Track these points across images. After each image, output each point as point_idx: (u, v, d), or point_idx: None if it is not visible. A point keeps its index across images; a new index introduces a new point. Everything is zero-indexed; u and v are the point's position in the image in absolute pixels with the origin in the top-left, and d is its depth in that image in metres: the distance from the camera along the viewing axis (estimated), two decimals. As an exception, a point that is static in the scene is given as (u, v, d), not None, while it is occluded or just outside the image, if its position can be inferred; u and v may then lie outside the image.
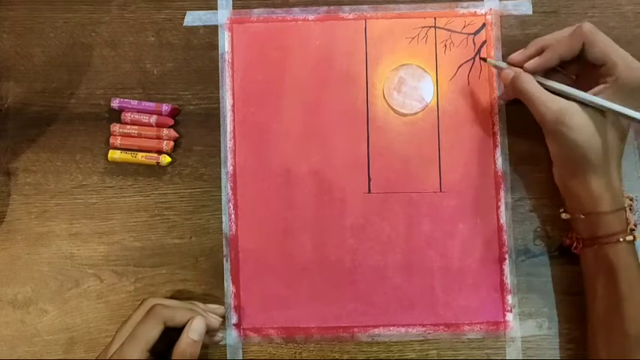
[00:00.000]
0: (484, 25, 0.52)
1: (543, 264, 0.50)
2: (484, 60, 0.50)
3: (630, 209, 0.45)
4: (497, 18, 0.52)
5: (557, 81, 0.45)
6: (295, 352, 0.50)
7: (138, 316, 0.44)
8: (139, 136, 0.51)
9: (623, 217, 0.44)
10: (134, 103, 0.52)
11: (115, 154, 0.51)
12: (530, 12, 0.52)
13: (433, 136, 0.51)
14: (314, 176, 0.51)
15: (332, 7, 0.53)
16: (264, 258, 0.51)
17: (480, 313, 0.50)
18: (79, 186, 0.52)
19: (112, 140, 0.51)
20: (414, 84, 0.52)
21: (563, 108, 0.43)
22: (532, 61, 0.45)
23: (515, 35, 0.52)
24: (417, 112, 0.52)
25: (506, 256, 0.50)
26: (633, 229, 0.44)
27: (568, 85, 0.44)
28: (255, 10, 0.53)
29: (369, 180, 0.51)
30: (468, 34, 0.52)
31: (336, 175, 0.51)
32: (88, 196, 0.52)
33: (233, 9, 0.53)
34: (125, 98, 0.52)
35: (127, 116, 0.52)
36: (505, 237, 0.50)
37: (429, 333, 0.50)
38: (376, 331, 0.50)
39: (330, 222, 0.51)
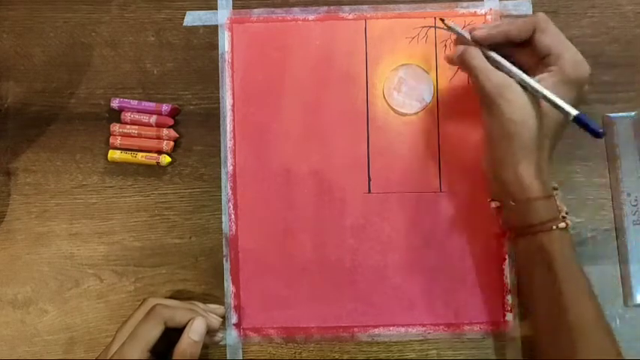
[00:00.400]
0: (484, 25, 0.52)
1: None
2: (442, 21, 0.48)
3: (557, 198, 0.43)
4: (498, 18, 0.52)
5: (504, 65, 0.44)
6: (295, 352, 0.50)
7: (138, 316, 0.44)
8: (139, 136, 0.51)
9: (554, 204, 0.42)
10: (134, 103, 0.52)
11: (114, 154, 0.51)
12: (530, 12, 0.52)
13: (433, 136, 0.51)
14: (314, 176, 0.51)
15: (332, 7, 0.53)
16: (264, 258, 0.51)
17: (480, 313, 0.50)
18: (79, 186, 0.52)
19: (111, 140, 0.51)
20: (414, 84, 0.52)
21: (504, 81, 0.42)
22: (480, 30, 0.44)
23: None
24: (417, 112, 0.52)
25: (506, 256, 0.50)
26: (565, 216, 0.42)
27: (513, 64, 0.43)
28: (255, 10, 0.53)
29: (369, 180, 0.51)
30: (468, 34, 0.52)
31: (336, 175, 0.51)
32: (88, 196, 0.52)
33: (233, 9, 0.53)
34: (125, 98, 0.52)
35: (127, 116, 0.52)
36: (504, 237, 0.50)
37: (428, 333, 0.50)
38: (376, 331, 0.50)
39: (330, 222, 0.51)
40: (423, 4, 0.52)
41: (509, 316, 0.50)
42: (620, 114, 0.51)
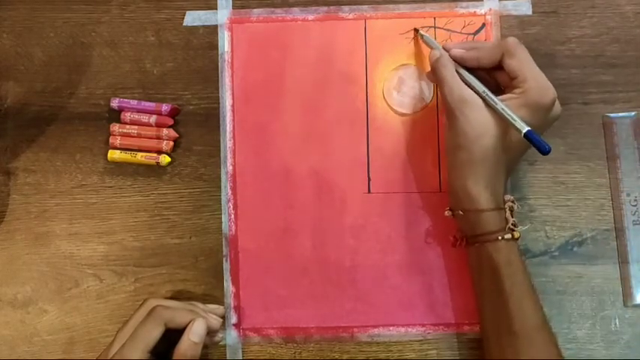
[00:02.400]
0: (484, 25, 0.52)
1: (543, 264, 0.50)
2: (416, 31, 0.50)
3: (511, 210, 0.45)
4: (497, 18, 0.52)
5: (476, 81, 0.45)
6: (295, 352, 0.50)
7: (139, 317, 0.44)
8: (139, 136, 0.51)
9: (502, 217, 0.44)
10: (134, 102, 0.52)
11: (114, 154, 0.51)
12: (529, 12, 0.52)
13: (433, 136, 0.51)
14: (314, 176, 0.51)
15: (332, 7, 0.53)
16: (264, 258, 0.51)
17: (480, 313, 0.50)
18: (78, 186, 0.52)
19: (111, 140, 0.51)
20: (414, 84, 0.52)
21: (466, 96, 0.44)
22: (455, 50, 0.46)
23: (515, 35, 0.52)
24: (417, 112, 0.52)
25: (506, 256, 0.50)
26: (512, 228, 0.44)
27: (479, 82, 0.45)
28: (255, 10, 0.53)
29: (369, 180, 0.51)
30: (468, 34, 0.52)
31: (335, 175, 0.51)
32: (88, 196, 0.52)
33: (233, 9, 0.53)
34: (125, 98, 0.52)
35: (127, 116, 0.52)
36: (505, 237, 0.50)
37: (428, 333, 0.50)
38: (376, 331, 0.50)
39: (329, 222, 0.51)
40: (422, 4, 0.52)
41: (509, 316, 0.50)
42: (620, 114, 0.51)
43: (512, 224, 0.44)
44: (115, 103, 0.52)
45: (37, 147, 0.52)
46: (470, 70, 0.46)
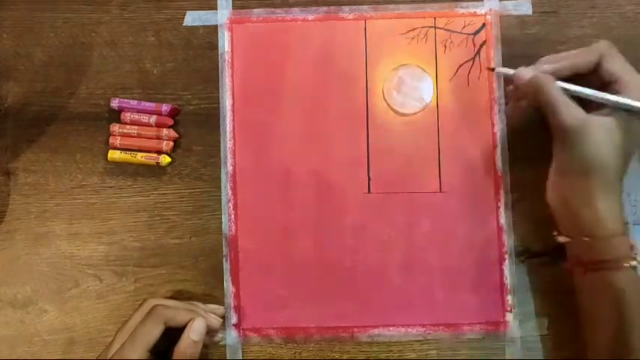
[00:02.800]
0: (484, 25, 0.52)
1: (543, 264, 0.50)
2: (492, 70, 0.48)
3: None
4: (497, 18, 0.52)
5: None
6: (295, 352, 0.50)
7: (138, 317, 0.44)
8: (139, 136, 0.51)
9: (627, 241, 0.42)
10: (134, 103, 0.52)
11: (114, 154, 0.51)
12: (530, 12, 0.52)
13: (433, 137, 0.51)
14: (314, 176, 0.51)
15: (332, 7, 0.53)
16: (263, 258, 0.51)
17: (480, 314, 0.50)
18: (78, 186, 0.52)
19: (111, 140, 0.51)
20: (414, 84, 0.52)
21: (588, 119, 0.41)
22: (546, 66, 0.43)
23: (515, 35, 0.52)
24: (417, 112, 0.52)
25: (506, 256, 0.50)
26: (637, 253, 0.42)
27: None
28: (255, 10, 0.53)
29: (369, 180, 0.51)
30: (468, 34, 0.52)
31: (335, 175, 0.51)
32: (88, 196, 0.52)
33: (233, 9, 0.53)
34: (125, 98, 0.52)
35: (127, 116, 0.52)
36: (505, 237, 0.50)
37: (428, 333, 0.50)
38: (376, 331, 0.50)
39: (329, 222, 0.51)
40: (422, 4, 0.52)
41: (509, 316, 0.50)
42: (620, 114, 0.51)
43: (636, 249, 0.42)
44: (115, 103, 0.52)
45: (37, 147, 0.52)
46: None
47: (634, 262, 0.41)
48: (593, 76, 0.43)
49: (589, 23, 0.52)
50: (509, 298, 0.50)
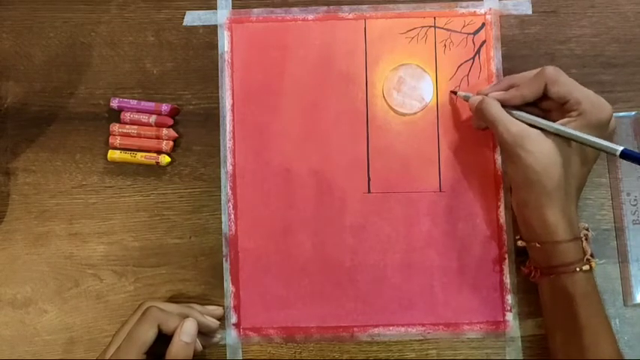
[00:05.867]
0: (484, 24, 0.52)
1: (543, 264, 0.50)
2: (454, 93, 0.50)
3: (586, 239, 0.44)
4: (497, 18, 0.52)
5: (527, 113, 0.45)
6: (295, 352, 0.50)
7: (135, 319, 0.43)
8: (139, 135, 0.51)
9: (579, 247, 0.43)
10: (133, 102, 0.52)
11: (114, 154, 0.51)
12: (529, 12, 0.52)
13: (433, 136, 0.51)
14: (314, 176, 0.51)
15: (331, 7, 0.53)
16: (263, 258, 0.51)
17: (480, 313, 0.50)
18: (78, 186, 0.52)
19: (111, 140, 0.51)
20: (414, 84, 0.52)
21: (523, 131, 0.43)
22: (496, 93, 0.46)
23: (514, 35, 0.52)
24: (417, 112, 0.52)
25: (506, 255, 0.50)
26: (589, 259, 0.43)
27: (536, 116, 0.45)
28: (255, 10, 0.53)
29: (369, 180, 0.51)
30: (468, 33, 0.52)
31: (335, 174, 0.51)
32: (88, 196, 0.52)
33: (232, 9, 0.53)
34: (125, 98, 0.52)
35: (127, 116, 0.52)
36: (505, 237, 0.50)
37: (428, 333, 0.50)
38: (376, 330, 0.50)
39: (329, 222, 0.51)
40: (422, 4, 0.52)
41: (509, 316, 0.50)
42: (620, 114, 0.51)
43: (590, 255, 0.43)
44: (114, 103, 0.52)
45: (37, 147, 0.52)
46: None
47: (586, 267, 0.43)
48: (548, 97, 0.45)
49: (589, 23, 0.52)
50: (508, 298, 0.50)
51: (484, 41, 0.52)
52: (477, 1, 0.52)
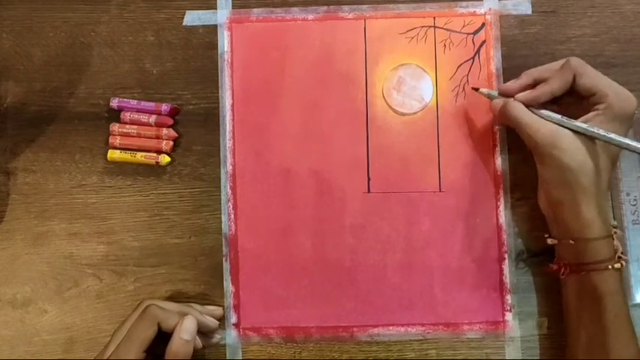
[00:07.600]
0: (483, 24, 0.52)
1: (543, 263, 0.50)
2: (476, 90, 0.50)
3: (615, 236, 0.44)
4: (497, 18, 0.52)
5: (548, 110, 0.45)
6: (295, 352, 0.50)
7: (135, 317, 0.43)
8: (139, 135, 0.51)
9: (611, 244, 0.43)
10: (133, 102, 0.52)
11: (114, 154, 0.51)
12: (529, 12, 0.52)
13: (432, 136, 0.51)
14: (313, 176, 0.51)
15: (331, 7, 0.53)
16: (263, 258, 0.51)
17: (480, 313, 0.50)
18: (78, 186, 0.52)
19: (111, 140, 0.51)
20: (414, 83, 0.52)
21: (554, 131, 0.43)
22: (524, 94, 0.45)
23: (514, 35, 0.52)
24: (417, 112, 0.52)
25: (506, 255, 0.50)
26: (621, 257, 0.43)
27: (558, 114, 0.44)
28: (255, 10, 0.53)
29: (369, 180, 0.51)
30: (468, 33, 0.52)
31: (335, 174, 0.51)
32: (88, 195, 0.52)
33: (232, 8, 0.53)
34: (124, 98, 0.52)
35: (127, 116, 0.51)
36: (504, 237, 0.50)
37: (428, 332, 0.50)
38: (375, 330, 0.50)
39: (329, 221, 0.51)
40: (422, 4, 0.52)
41: (508, 316, 0.50)
42: (620, 113, 0.51)
43: (621, 252, 0.43)
44: (114, 102, 0.52)
45: (36, 147, 0.52)
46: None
47: (617, 265, 0.43)
48: (571, 91, 0.45)
49: (588, 23, 0.52)
50: (508, 298, 0.50)
51: (484, 41, 0.52)
52: (476, 1, 0.52)
